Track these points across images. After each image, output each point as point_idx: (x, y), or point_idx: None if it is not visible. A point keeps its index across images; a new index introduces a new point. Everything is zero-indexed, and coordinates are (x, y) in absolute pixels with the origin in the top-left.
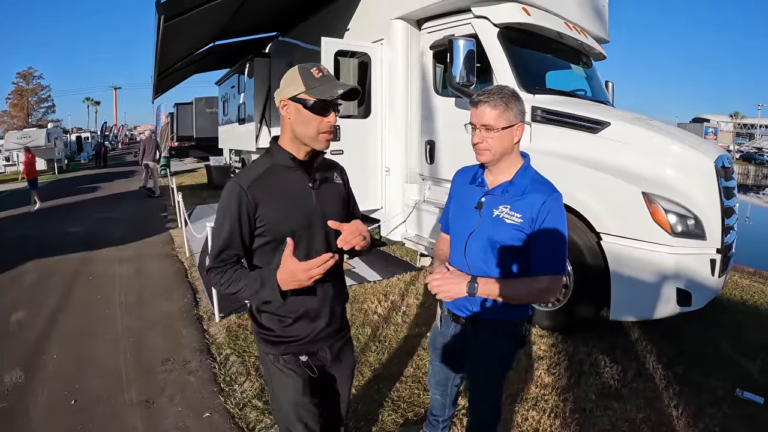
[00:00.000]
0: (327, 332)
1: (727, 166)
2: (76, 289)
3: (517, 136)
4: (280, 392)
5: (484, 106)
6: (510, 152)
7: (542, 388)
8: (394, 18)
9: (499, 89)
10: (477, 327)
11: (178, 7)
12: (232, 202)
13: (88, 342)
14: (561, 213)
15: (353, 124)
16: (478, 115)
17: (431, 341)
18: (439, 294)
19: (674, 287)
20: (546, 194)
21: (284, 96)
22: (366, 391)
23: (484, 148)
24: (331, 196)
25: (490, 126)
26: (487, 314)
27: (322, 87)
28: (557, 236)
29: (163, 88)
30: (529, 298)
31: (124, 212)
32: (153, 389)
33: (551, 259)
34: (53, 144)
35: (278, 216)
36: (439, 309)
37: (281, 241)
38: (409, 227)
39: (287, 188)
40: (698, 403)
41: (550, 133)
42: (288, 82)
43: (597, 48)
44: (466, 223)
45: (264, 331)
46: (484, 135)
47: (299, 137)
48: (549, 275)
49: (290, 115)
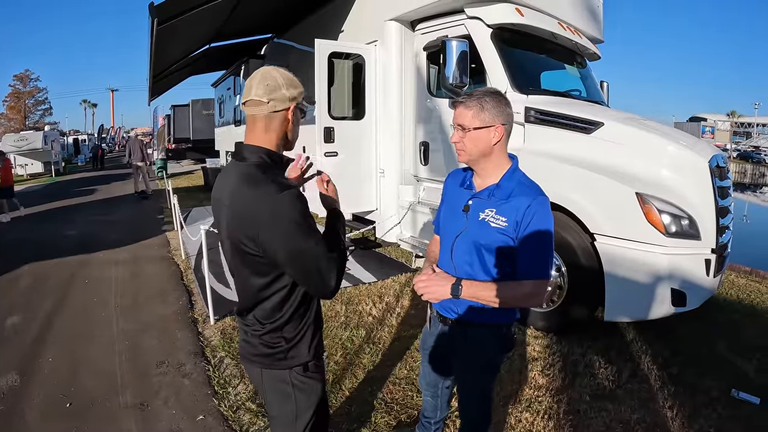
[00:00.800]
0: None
1: (722, 165)
2: (72, 293)
3: (495, 138)
4: (312, 399)
5: (460, 106)
6: (489, 154)
7: (536, 390)
8: (387, 19)
9: (481, 92)
10: (464, 329)
11: (171, 9)
12: (305, 208)
13: (84, 345)
14: (546, 216)
15: (347, 125)
16: (455, 116)
17: (422, 342)
18: (425, 295)
19: (669, 288)
20: (531, 197)
21: (295, 101)
22: (359, 393)
23: (460, 148)
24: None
25: (464, 126)
26: (473, 317)
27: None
28: (542, 240)
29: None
30: (513, 302)
31: (121, 215)
32: (147, 392)
33: (536, 263)
34: (50, 147)
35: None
36: (429, 310)
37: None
38: (404, 228)
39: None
40: (693, 403)
41: (544, 133)
42: (292, 85)
43: (591, 48)
44: (454, 226)
45: (294, 346)
46: (460, 135)
47: (289, 142)
48: (533, 279)
49: (295, 120)
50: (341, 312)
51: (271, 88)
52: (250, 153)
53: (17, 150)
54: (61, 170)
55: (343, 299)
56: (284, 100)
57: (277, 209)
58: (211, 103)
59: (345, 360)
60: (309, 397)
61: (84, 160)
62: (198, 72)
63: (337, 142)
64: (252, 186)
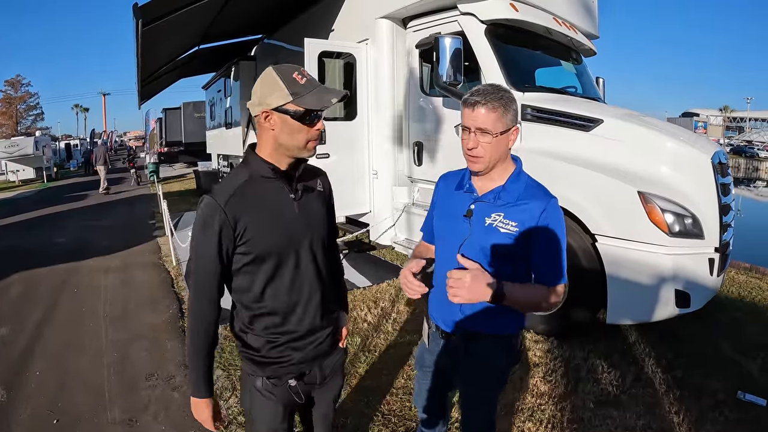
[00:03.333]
0: (320, 350)
1: (723, 161)
2: (61, 302)
3: (512, 141)
4: (257, 415)
5: (481, 108)
6: (504, 158)
7: (538, 398)
8: (378, 17)
9: (495, 89)
10: (469, 343)
11: (156, 10)
12: (209, 223)
13: (72, 357)
14: (560, 219)
15: (339, 126)
16: (473, 118)
17: (418, 359)
18: (457, 298)
19: (672, 289)
20: (544, 201)
21: (268, 106)
22: (355, 404)
23: (478, 155)
24: (316, 206)
25: (487, 130)
26: (481, 328)
27: (311, 95)
28: (559, 244)
29: (149, 94)
30: (537, 308)
31: (112, 220)
32: (136, 407)
33: (557, 268)
34: (41, 152)
35: (261, 233)
36: (425, 324)
37: (264, 260)
38: (399, 231)
39: (269, 201)
40: (699, 407)
41: (541, 131)
42: (269, 89)
43: (587, 44)
44: (456, 233)
45: (249, 351)
46: (479, 140)
47: (285, 148)
48: (556, 285)
49: (274, 126)
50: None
51: (253, 92)
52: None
53: (8, 156)
54: (53, 175)
55: None
56: (253, 105)
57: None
58: (202, 105)
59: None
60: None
61: (76, 165)
62: (188, 74)
63: (328, 143)
64: None
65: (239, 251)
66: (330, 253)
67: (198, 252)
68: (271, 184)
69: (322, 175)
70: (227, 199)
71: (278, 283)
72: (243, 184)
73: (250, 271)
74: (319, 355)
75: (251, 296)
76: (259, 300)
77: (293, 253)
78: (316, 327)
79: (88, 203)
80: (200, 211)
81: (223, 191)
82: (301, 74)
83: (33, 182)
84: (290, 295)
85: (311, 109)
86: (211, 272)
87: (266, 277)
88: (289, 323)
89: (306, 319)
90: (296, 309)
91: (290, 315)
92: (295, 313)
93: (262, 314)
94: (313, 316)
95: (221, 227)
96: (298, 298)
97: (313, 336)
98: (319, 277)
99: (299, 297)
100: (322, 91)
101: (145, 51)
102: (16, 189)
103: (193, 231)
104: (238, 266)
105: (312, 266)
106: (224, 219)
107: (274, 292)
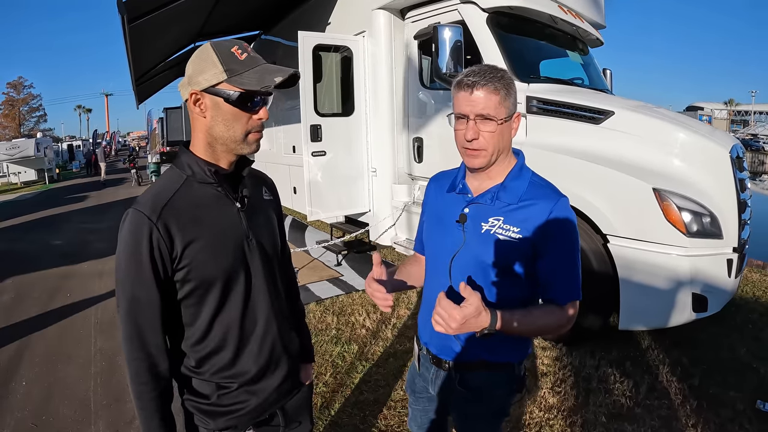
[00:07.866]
0: (281, 390)
1: (741, 156)
2: (53, 308)
3: (515, 130)
4: None
5: (481, 90)
6: (507, 152)
7: (546, 411)
8: (375, 8)
9: (494, 68)
10: (464, 373)
11: (142, 6)
12: (139, 241)
13: (60, 366)
14: (572, 222)
15: (336, 122)
16: (471, 102)
17: (409, 382)
18: (440, 329)
19: (690, 292)
20: (552, 200)
21: (197, 87)
22: (350, 419)
23: (479, 147)
24: (264, 218)
25: (490, 116)
26: (479, 357)
27: (251, 73)
28: (572, 253)
29: (146, 93)
30: (544, 334)
31: (110, 222)
32: (122, 419)
33: (569, 283)
34: (43, 154)
35: (202, 254)
36: (416, 346)
37: (208, 288)
38: (399, 231)
39: (210, 213)
40: (718, 420)
41: (548, 125)
42: (199, 66)
43: (593, 33)
44: (446, 242)
45: (196, 399)
46: (480, 128)
47: (220, 141)
48: (571, 301)
49: (206, 112)
50: (332, 324)
51: (186, 70)
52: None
53: (9, 158)
54: (56, 177)
55: (334, 309)
56: (183, 86)
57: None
58: None
59: (335, 381)
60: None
61: (79, 166)
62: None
63: (325, 140)
64: None
65: (177, 278)
66: (285, 274)
67: (131, 281)
68: (211, 190)
69: (268, 182)
70: (159, 212)
71: (227, 314)
72: (177, 192)
73: (191, 305)
74: (280, 397)
75: (196, 333)
76: (204, 337)
77: (243, 277)
78: (275, 362)
79: (88, 204)
80: (126, 229)
81: (153, 202)
82: (242, 49)
83: (35, 184)
84: (242, 327)
85: (251, 90)
86: (153, 303)
87: (212, 309)
88: (242, 361)
89: (263, 353)
90: (250, 343)
91: (242, 350)
92: (249, 348)
93: (209, 353)
94: (271, 349)
95: (155, 246)
96: (253, 328)
97: (273, 374)
98: (275, 304)
99: (253, 327)
100: (265, 68)
101: (135, 48)
102: (17, 191)
103: (117, 258)
104: (178, 298)
105: (265, 291)
106: (158, 237)
107: (224, 326)
